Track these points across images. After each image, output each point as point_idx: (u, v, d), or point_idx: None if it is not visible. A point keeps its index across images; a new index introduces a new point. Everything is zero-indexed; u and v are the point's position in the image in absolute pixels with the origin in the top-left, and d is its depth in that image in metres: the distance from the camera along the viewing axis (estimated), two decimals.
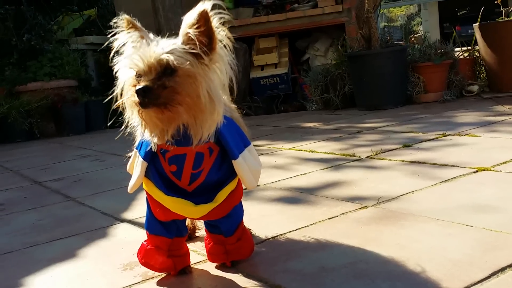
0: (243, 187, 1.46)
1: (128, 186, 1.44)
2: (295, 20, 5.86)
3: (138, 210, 2.20)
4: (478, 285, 1.20)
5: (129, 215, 2.15)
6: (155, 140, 1.28)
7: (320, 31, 6.10)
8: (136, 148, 1.42)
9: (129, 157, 1.51)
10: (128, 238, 1.87)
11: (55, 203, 2.53)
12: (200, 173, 1.35)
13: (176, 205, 1.36)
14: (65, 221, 2.18)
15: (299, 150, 3.14)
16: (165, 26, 6.11)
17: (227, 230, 1.45)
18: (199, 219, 1.43)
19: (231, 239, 1.46)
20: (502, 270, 1.26)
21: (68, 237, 1.95)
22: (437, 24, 18.02)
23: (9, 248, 1.90)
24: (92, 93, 6.16)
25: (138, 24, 1.32)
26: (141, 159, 1.36)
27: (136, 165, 1.39)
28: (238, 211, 1.48)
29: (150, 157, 1.36)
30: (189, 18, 1.24)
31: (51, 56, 5.84)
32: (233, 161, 1.37)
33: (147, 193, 1.41)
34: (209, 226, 1.50)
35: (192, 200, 1.36)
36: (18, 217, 2.34)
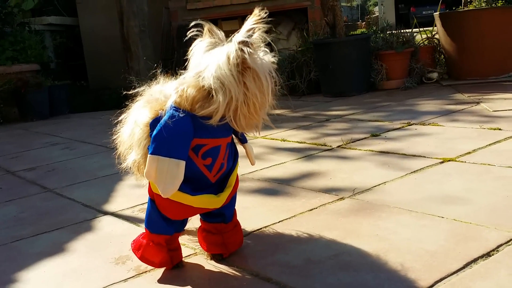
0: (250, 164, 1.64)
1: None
2: (257, 3, 5.89)
3: (119, 202, 2.24)
4: (454, 275, 1.32)
5: (111, 207, 2.19)
6: (252, 130, 1.44)
7: (283, 15, 6.17)
8: (156, 154, 1.36)
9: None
10: (114, 231, 1.91)
11: (33, 194, 2.54)
12: (225, 161, 1.46)
13: (203, 201, 1.43)
14: (47, 213, 2.20)
15: (271, 139, 3.22)
16: (126, 8, 6.06)
17: (229, 215, 1.56)
18: (220, 206, 1.50)
19: (230, 225, 1.56)
20: (474, 261, 1.38)
21: (53, 231, 1.98)
22: (393, 5, 18.36)
23: None
24: (54, 77, 6.05)
25: (215, 29, 1.43)
26: (180, 160, 1.35)
27: (167, 169, 1.35)
28: (235, 196, 1.59)
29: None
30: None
31: (13, 40, 5.70)
32: (244, 144, 1.57)
33: (158, 195, 1.42)
34: (209, 217, 1.56)
35: (213, 191, 1.46)
36: None
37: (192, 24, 1.46)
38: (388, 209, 1.83)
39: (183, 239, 1.75)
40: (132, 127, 1.49)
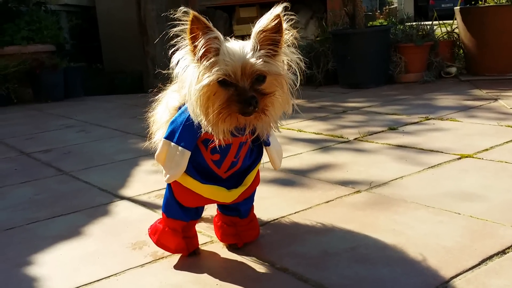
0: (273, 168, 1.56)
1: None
2: None
3: (136, 187, 2.25)
4: (470, 272, 1.31)
5: (127, 192, 2.20)
6: (221, 136, 1.30)
7: (301, 3, 6.12)
8: (168, 139, 1.39)
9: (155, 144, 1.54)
10: (131, 216, 1.92)
11: (48, 176, 2.56)
12: (238, 160, 1.43)
13: (212, 192, 1.43)
14: (63, 196, 2.22)
15: (288, 129, 3.21)
16: None
17: (245, 211, 1.55)
18: (231, 202, 1.49)
19: (246, 220, 1.55)
20: (490, 258, 1.38)
21: (69, 214, 2.00)
22: None
23: (11, 224, 1.93)
24: (69, 59, 6.07)
25: (210, 24, 1.29)
26: (185, 149, 1.37)
27: (174, 155, 1.37)
28: (254, 194, 1.58)
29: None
30: (264, 21, 1.28)
31: (29, 19, 5.70)
32: (266, 147, 1.48)
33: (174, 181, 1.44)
34: (226, 210, 1.57)
35: (225, 185, 1.45)
36: (12, 190, 2.37)
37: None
38: (405, 204, 1.82)
39: (200, 227, 1.75)
40: (163, 109, 1.50)
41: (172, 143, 1.38)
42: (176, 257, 1.53)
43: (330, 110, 3.78)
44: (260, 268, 1.44)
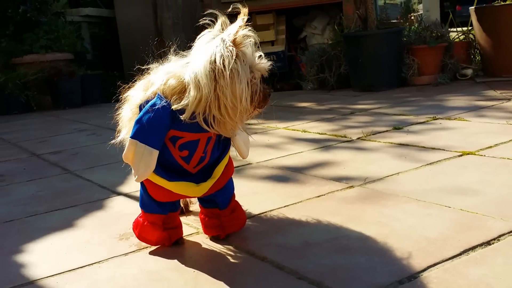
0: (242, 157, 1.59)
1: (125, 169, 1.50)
2: None
3: (133, 184, 2.27)
4: (449, 261, 1.29)
5: (125, 188, 2.23)
6: (228, 134, 1.41)
7: (318, 9, 6.13)
8: (135, 138, 1.39)
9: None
10: (124, 210, 1.95)
11: (54, 175, 2.61)
12: (206, 154, 1.45)
13: (180, 188, 1.45)
14: (64, 193, 2.26)
15: (292, 130, 3.21)
16: (160, 0, 6.15)
17: (222, 202, 1.55)
18: (202, 196, 1.50)
19: (226, 211, 1.55)
20: (472, 248, 1.35)
21: (66, 208, 2.04)
22: (437, 3, 17.96)
23: (11, 217, 1.99)
24: (88, 67, 6.19)
25: (227, 23, 1.39)
26: (153, 149, 1.38)
27: (142, 155, 1.38)
28: (231, 184, 1.58)
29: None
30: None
31: (47, 29, 5.86)
32: (232, 138, 1.50)
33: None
34: (204, 202, 1.59)
35: (193, 180, 1.46)
36: (18, 188, 2.42)
37: (207, 12, 1.44)
38: (396, 198, 1.80)
39: (188, 219, 1.77)
40: (126, 107, 1.51)
41: (139, 142, 1.38)
42: (161, 247, 1.55)
43: (338, 112, 3.76)
44: (239, 257, 1.44)
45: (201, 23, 1.44)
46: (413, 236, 1.46)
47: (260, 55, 1.41)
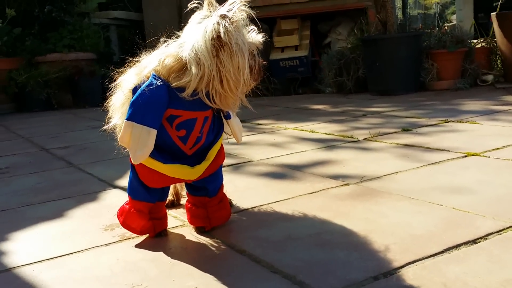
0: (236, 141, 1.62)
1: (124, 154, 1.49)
2: (317, 2, 5.83)
3: None
4: (430, 258, 1.24)
5: (122, 182, 2.23)
6: (229, 108, 1.43)
7: (343, 15, 6.06)
8: (131, 120, 1.37)
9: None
10: (116, 202, 1.93)
11: (57, 168, 2.63)
12: (202, 135, 1.45)
13: (175, 170, 1.43)
14: (62, 185, 2.27)
15: (301, 130, 3.18)
16: (185, 3, 6.20)
17: (213, 189, 1.53)
18: (196, 179, 1.49)
19: (214, 200, 1.54)
20: (457, 246, 1.30)
21: (61, 199, 2.04)
22: (471, 13, 17.66)
23: (5, 206, 2.00)
24: (114, 68, 6.24)
25: (214, 3, 1.40)
26: (151, 128, 1.36)
27: (140, 136, 1.36)
28: (221, 172, 1.57)
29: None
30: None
31: (71, 29, 5.94)
32: (228, 120, 1.51)
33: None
34: (193, 190, 1.56)
35: (188, 162, 1.44)
36: (19, 179, 2.45)
37: None
38: (389, 196, 1.75)
39: (177, 212, 1.75)
40: (119, 92, 1.50)
41: (136, 123, 1.37)
42: (142, 238, 1.54)
43: (350, 114, 3.71)
44: (218, 249, 1.42)
45: (189, 7, 1.43)
46: (398, 233, 1.41)
47: (252, 28, 1.42)
